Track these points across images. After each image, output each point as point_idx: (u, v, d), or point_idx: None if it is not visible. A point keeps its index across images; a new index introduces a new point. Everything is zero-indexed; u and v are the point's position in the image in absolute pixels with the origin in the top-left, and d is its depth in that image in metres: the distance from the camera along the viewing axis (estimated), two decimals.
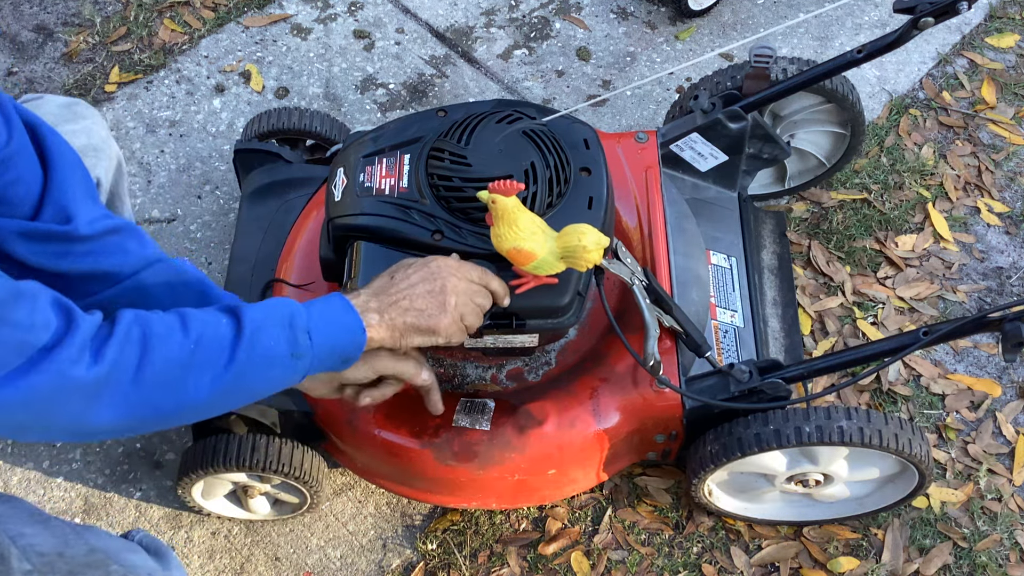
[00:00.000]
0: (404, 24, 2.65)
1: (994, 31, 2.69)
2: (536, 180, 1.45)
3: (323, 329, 1.16)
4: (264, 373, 1.11)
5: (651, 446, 1.75)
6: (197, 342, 1.05)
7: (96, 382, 0.97)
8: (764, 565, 1.85)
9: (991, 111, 2.51)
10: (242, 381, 1.09)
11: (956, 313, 2.17)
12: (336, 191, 1.53)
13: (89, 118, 1.45)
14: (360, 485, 1.91)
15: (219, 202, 2.29)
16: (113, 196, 1.53)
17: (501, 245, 1.35)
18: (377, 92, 2.50)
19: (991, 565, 1.85)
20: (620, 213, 1.82)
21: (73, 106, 1.44)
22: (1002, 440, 2.00)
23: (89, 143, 1.44)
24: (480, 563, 1.83)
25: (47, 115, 1.38)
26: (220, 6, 2.65)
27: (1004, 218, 2.33)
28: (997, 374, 2.10)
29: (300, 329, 1.13)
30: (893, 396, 2.04)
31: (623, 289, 1.70)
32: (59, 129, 1.37)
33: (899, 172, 2.37)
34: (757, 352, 1.84)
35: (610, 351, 1.68)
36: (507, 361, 1.70)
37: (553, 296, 1.43)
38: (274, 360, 1.11)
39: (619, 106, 2.50)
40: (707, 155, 1.95)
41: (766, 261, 2.10)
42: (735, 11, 2.72)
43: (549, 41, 2.63)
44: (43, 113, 1.38)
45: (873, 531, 1.88)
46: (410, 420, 1.65)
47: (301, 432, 1.71)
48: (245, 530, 1.87)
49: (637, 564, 1.84)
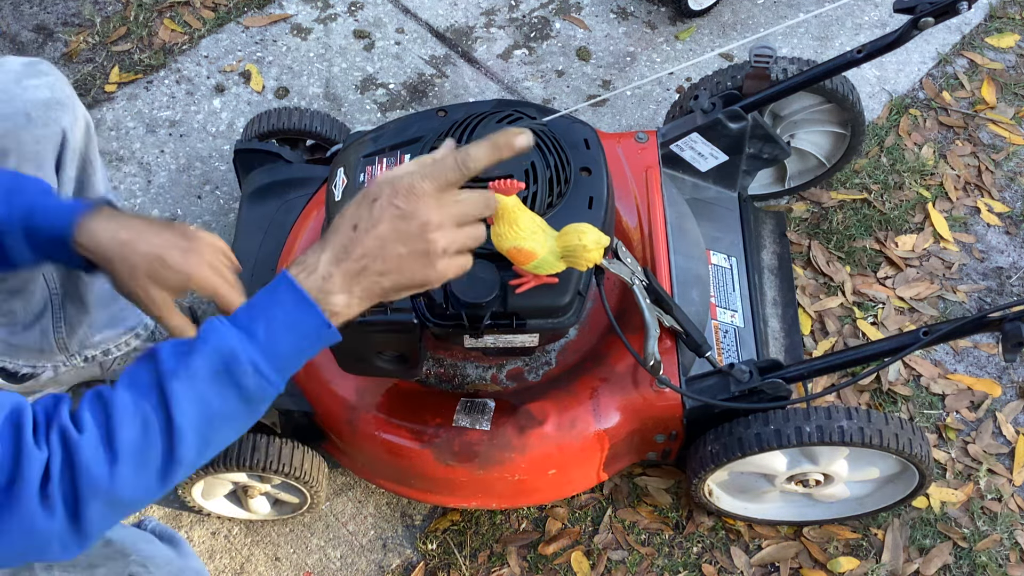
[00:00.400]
0: (404, 24, 2.65)
1: (994, 31, 2.69)
2: (536, 180, 1.45)
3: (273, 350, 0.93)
4: (219, 437, 0.95)
5: (651, 446, 1.75)
6: (130, 461, 0.90)
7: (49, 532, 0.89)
8: (764, 565, 1.85)
9: (991, 111, 2.51)
10: (192, 462, 0.94)
11: (956, 313, 2.17)
12: (336, 191, 1.53)
13: (52, 75, 1.44)
14: (360, 485, 1.91)
15: (219, 202, 2.29)
16: (85, 162, 1.51)
17: (501, 244, 1.35)
18: (377, 92, 2.50)
19: (991, 565, 1.85)
20: (620, 213, 1.82)
21: (35, 64, 1.43)
22: (1002, 440, 2.01)
23: (53, 97, 1.42)
24: (480, 563, 1.83)
25: (8, 72, 1.39)
26: (220, 6, 2.65)
27: (1004, 218, 2.33)
28: (997, 374, 2.10)
29: (243, 373, 0.92)
30: (893, 396, 2.04)
31: (623, 289, 1.70)
32: (20, 84, 1.37)
33: (899, 172, 2.38)
34: (757, 352, 1.84)
35: (610, 351, 1.68)
36: (507, 361, 1.70)
37: (553, 296, 1.43)
38: (225, 419, 0.94)
39: (619, 106, 2.50)
40: (707, 155, 1.95)
41: (766, 261, 2.10)
42: (735, 11, 2.72)
43: (549, 41, 2.63)
44: (6, 70, 1.39)
45: (873, 531, 1.88)
46: (410, 420, 1.65)
47: (301, 432, 1.72)
48: (245, 530, 1.87)
49: (637, 564, 1.84)
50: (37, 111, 1.40)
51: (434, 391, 1.69)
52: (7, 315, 1.64)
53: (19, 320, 1.65)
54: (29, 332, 1.68)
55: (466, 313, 1.40)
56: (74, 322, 1.70)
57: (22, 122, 1.38)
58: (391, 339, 1.46)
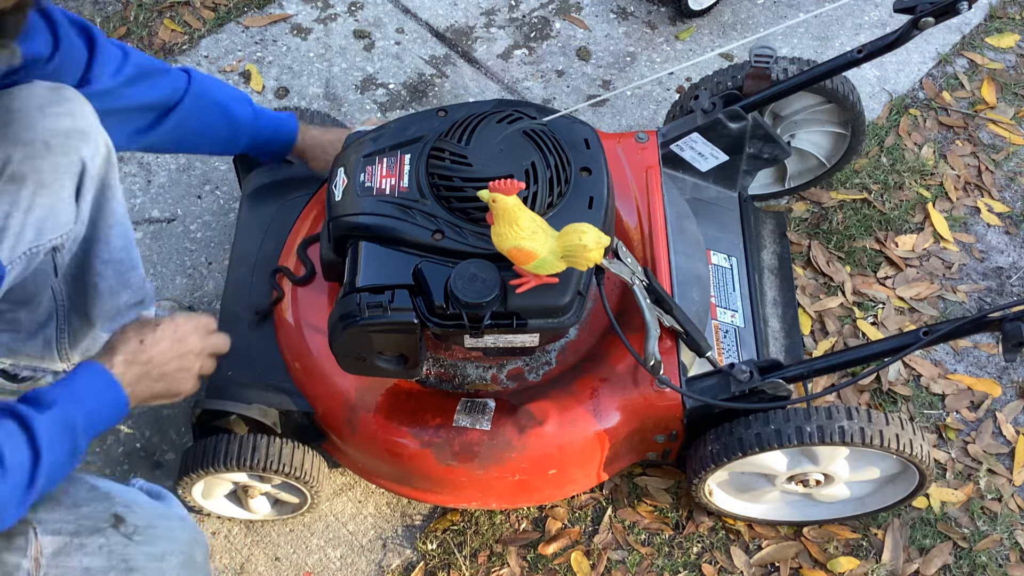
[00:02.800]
0: (404, 24, 2.65)
1: (994, 31, 2.69)
2: (537, 180, 1.45)
3: (93, 421, 1.27)
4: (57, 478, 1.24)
5: (651, 446, 1.75)
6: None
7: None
8: (764, 565, 1.85)
9: (991, 111, 2.51)
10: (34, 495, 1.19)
11: (956, 313, 2.17)
12: (336, 191, 1.53)
13: (75, 101, 1.45)
14: (360, 485, 1.91)
15: (219, 202, 2.29)
16: (104, 186, 1.53)
17: (502, 244, 1.35)
18: (377, 92, 2.50)
19: (991, 565, 1.85)
20: (620, 213, 1.82)
21: (60, 90, 1.44)
22: (1002, 440, 2.01)
23: (74, 126, 1.44)
24: (480, 563, 1.83)
25: (34, 97, 1.41)
26: (220, 6, 2.65)
27: (1004, 218, 2.33)
28: (997, 374, 2.10)
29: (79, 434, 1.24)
30: (893, 396, 2.04)
31: (623, 289, 1.70)
32: (44, 111, 1.40)
33: (899, 172, 2.38)
34: (757, 352, 1.84)
35: (610, 351, 1.68)
36: (507, 361, 1.70)
37: (554, 295, 1.43)
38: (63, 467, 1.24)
39: (619, 106, 2.50)
40: (707, 155, 1.95)
41: (766, 261, 2.10)
42: (735, 11, 2.72)
43: (549, 41, 2.63)
44: (30, 95, 1.41)
45: (873, 531, 1.88)
46: (410, 420, 1.65)
47: (301, 432, 1.71)
48: (245, 530, 1.87)
49: (637, 564, 1.84)
50: (57, 139, 1.42)
51: (434, 391, 1.69)
52: (11, 323, 1.67)
53: (23, 328, 1.68)
54: (32, 341, 1.70)
55: (466, 313, 1.40)
56: (78, 335, 1.73)
57: (41, 150, 1.40)
58: (391, 339, 1.46)
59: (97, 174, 1.50)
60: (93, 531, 1.24)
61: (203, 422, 1.68)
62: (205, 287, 2.15)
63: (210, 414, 1.66)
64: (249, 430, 1.67)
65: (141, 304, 1.74)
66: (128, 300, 1.70)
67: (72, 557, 1.22)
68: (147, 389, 1.34)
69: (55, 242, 1.45)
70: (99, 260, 1.62)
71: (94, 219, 1.56)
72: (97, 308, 1.69)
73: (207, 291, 2.15)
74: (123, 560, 1.24)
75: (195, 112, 1.64)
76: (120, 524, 1.26)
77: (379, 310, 1.40)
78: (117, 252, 1.63)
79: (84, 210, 1.51)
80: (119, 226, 1.61)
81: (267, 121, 1.76)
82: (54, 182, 1.42)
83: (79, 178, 1.47)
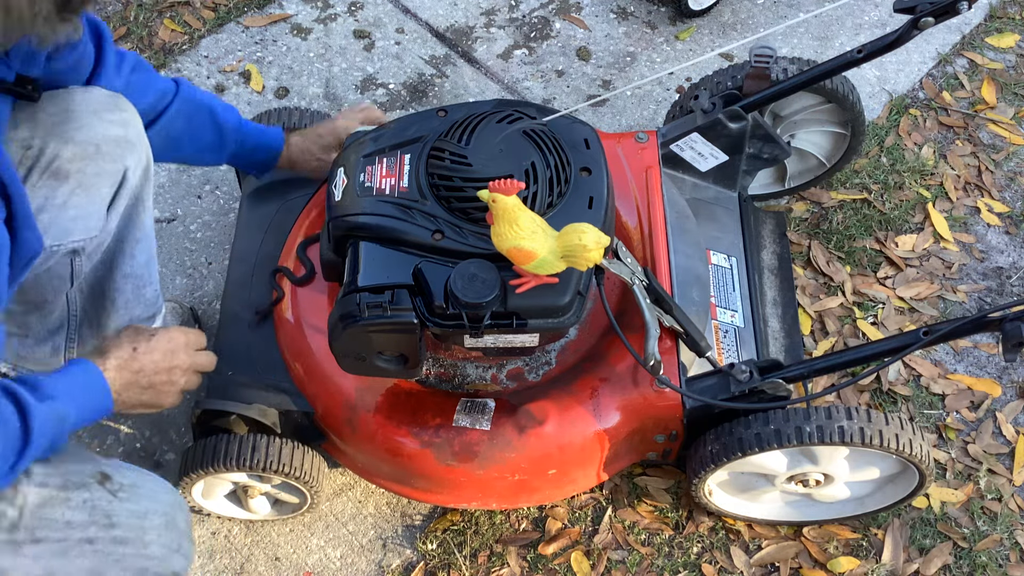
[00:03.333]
0: (404, 24, 2.65)
1: (994, 31, 2.69)
2: (536, 180, 1.45)
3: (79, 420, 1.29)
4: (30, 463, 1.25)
5: (651, 446, 1.75)
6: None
7: None
8: (764, 565, 1.85)
9: (991, 111, 2.51)
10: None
11: (956, 313, 2.17)
12: (336, 191, 1.53)
13: (129, 112, 1.50)
14: (360, 485, 1.91)
15: (219, 202, 2.29)
16: (137, 200, 1.56)
17: (501, 244, 1.35)
18: (377, 92, 2.50)
19: (991, 565, 1.85)
20: (620, 213, 1.82)
21: (116, 99, 1.49)
22: (1002, 440, 2.01)
23: (124, 135, 1.48)
24: (480, 563, 1.83)
25: (91, 101, 1.45)
26: (220, 6, 2.65)
27: (1004, 218, 2.33)
28: (997, 374, 2.10)
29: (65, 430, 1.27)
30: (893, 396, 2.04)
31: (623, 289, 1.70)
32: (101, 116, 1.45)
33: (899, 172, 2.38)
34: (757, 352, 1.84)
35: (610, 351, 1.68)
36: (507, 361, 1.70)
37: (553, 295, 1.43)
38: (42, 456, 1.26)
39: (619, 106, 2.50)
40: (707, 155, 1.95)
41: (766, 261, 2.10)
42: (735, 11, 2.72)
43: (549, 41, 2.63)
44: (88, 99, 1.46)
45: (873, 531, 1.88)
46: (410, 420, 1.65)
47: (301, 432, 1.71)
48: (245, 530, 1.87)
49: (637, 564, 1.84)
50: (108, 146, 1.45)
51: (434, 391, 1.69)
52: (22, 327, 1.67)
53: (33, 333, 1.69)
54: (40, 347, 1.71)
55: (466, 313, 1.40)
56: (86, 346, 1.74)
57: (91, 152, 1.43)
58: (391, 339, 1.46)
59: (135, 186, 1.53)
60: (79, 486, 1.27)
61: (203, 422, 1.68)
62: (205, 287, 2.15)
63: (210, 414, 1.66)
64: (249, 430, 1.67)
65: (151, 319, 1.75)
66: (140, 315, 1.71)
67: (56, 509, 1.24)
68: (133, 397, 1.37)
69: (77, 244, 1.47)
70: (120, 274, 1.63)
71: (122, 231, 1.58)
72: (110, 321, 1.70)
73: (207, 291, 2.15)
74: (105, 516, 1.26)
75: (184, 112, 1.64)
76: (106, 481, 1.29)
77: (379, 310, 1.40)
78: (139, 267, 1.65)
79: (113, 219, 1.52)
80: (145, 241, 1.64)
81: (253, 129, 1.77)
82: (93, 185, 1.45)
83: (117, 187, 1.49)
